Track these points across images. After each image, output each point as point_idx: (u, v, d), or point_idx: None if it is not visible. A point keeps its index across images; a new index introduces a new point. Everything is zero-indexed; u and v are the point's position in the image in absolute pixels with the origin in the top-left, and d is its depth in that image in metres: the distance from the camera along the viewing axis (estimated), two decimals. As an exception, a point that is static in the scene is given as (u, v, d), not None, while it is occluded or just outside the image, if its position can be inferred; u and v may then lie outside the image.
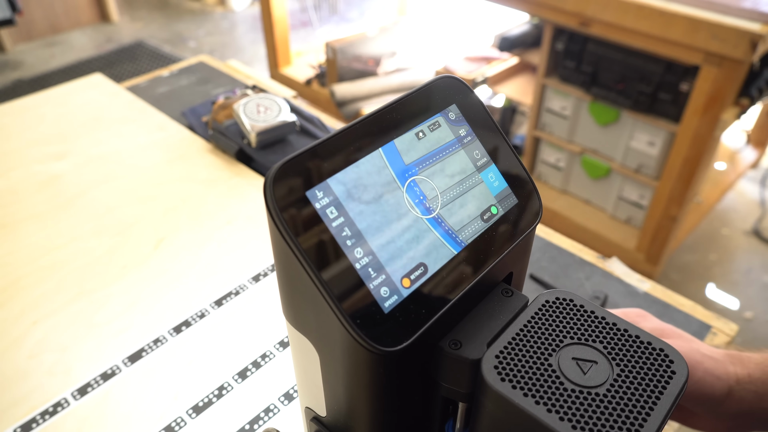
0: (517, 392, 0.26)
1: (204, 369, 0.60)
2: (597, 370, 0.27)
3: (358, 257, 0.27)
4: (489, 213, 0.32)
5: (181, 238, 0.76)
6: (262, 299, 0.67)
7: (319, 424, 0.36)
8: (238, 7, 3.71)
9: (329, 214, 0.27)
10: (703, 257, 1.95)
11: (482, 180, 0.32)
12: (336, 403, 0.33)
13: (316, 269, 0.25)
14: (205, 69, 1.18)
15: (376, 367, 0.28)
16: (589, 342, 0.28)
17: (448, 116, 0.32)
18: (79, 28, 3.39)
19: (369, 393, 0.29)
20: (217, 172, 0.87)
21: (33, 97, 1.05)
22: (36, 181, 0.86)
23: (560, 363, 0.27)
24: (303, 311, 0.30)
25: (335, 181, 0.27)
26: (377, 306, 0.27)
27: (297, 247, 0.25)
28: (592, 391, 0.26)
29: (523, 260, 0.35)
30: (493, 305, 0.31)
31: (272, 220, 0.26)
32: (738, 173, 2.10)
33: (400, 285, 0.27)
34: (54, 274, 0.70)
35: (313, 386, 0.34)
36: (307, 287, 0.26)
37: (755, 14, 1.29)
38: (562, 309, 0.30)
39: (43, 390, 0.57)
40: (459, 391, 0.30)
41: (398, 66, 2.19)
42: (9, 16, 1.37)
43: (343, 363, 0.29)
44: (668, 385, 0.27)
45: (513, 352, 0.28)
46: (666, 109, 1.55)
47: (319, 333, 0.29)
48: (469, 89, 0.34)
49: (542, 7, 1.60)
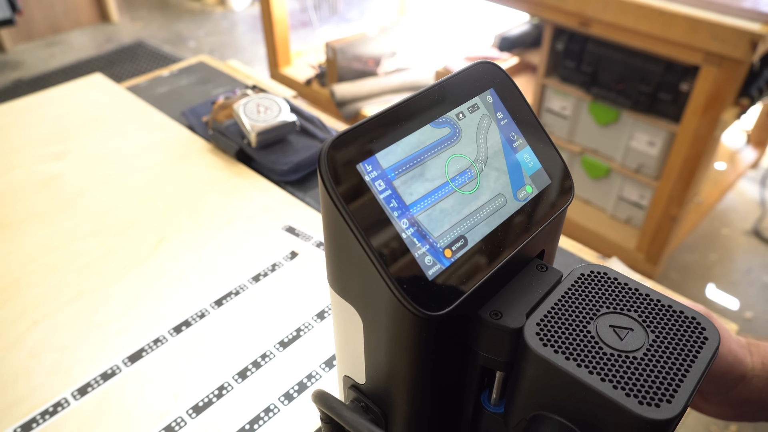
0: (559, 356, 0.27)
1: (204, 369, 0.60)
2: (633, 337, 0.28)
3: (404, 227, 0.28)
4: (524, 192, 0.33)
5: (181, 238, 0.76)
6: (262, 299, 0.67)
7: (357, 391, 0.37)
8: (238, 7, 3.71)
9: (378, 186, 0.29)
10: (703, 257, 1.95)
11: (518, 160, 0.34)
12: (376, 369, 0.34)
13: (366, 236, 0.27)
14: (205, 69, 1.18)
15: (420, 332, 0.29)
16: (624, 311, 0.30)
17: (485, 99, 0.34)
18: (79, 28, 3.39)
19: (410, 357, 0.31)
20: (217, 172, 0.87)
21: (33, 97, 1.05)
22: (36, 181, 0.86)
23: (598, 330, 0.29)
24: (350, 279, 0.31)
25: (383, 155, 0.29)
26: (422, 273, 0.28)
27: (349, 216, 0.27)
28: (630, 355, 0.28)
29: (555, 238, 0.36)
30: (529, 279, 0.33)
31: (326, 190, 0.27)
32: (738, 173, 2.10)
33: (442, 255, 0.29)
34: (54, 274, 0.70)
35: (353, 354, 0.35)
36: (356, 254, 0.28)
37: (755, 14, 1.29)
38: (597, 281, 0.31)
39: (43, 390, 0.57)
40: (498, 360, 0.31)
41: (398, 66, 2.19)
42: (9, 16, 1.37)
43: (387, 328, 0.30)
44: (702, 350, 0.28)
45: (553, 321, 0.29)
46: (666, 109, 1.55)
47: (365, 299, 0.31)
48: (506, 75, 0.35)
49: (542, 7, 1.60)
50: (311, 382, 0.58)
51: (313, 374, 0.59)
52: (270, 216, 0.80)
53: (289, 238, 0.76)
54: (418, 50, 2.26)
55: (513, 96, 0.35)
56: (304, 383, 0.58)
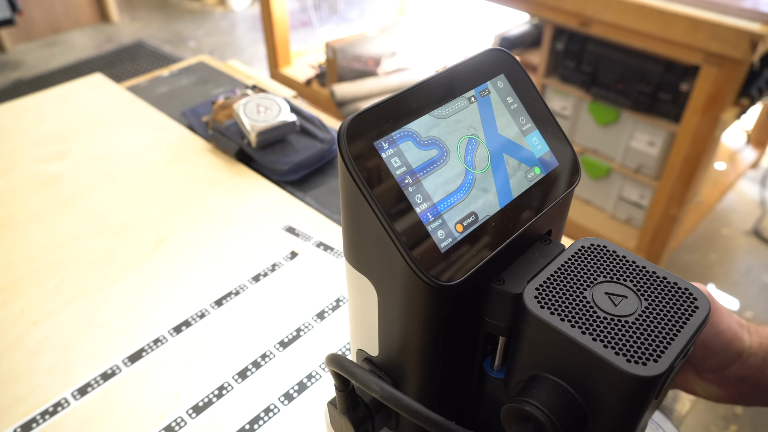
0: (554, 317, 0.29)
1: (204, 369, 0.60)
2: (627, 303, 0.30)
3: (419, 202, 0.30)
4: (532, 173, 0.35)
5: (181, 238, 0.76)
6: (262, 299, 0.67)
7: (370, 364, 0.38)
8: (238, 7, 3.71)
9: (394, 163, 0.30)
10: (703, 257, 1.95)
11: (527, 143, 0.35)
12: (389, 341, 0.35)
13: (384, 211, 0.29)
14: (205, 69, 1.18)
15: (433, 301, 0.30)
16: (620, 280, 0.31)
17: (496, 84, 0.35)
18: (79, 28, 3.39)
19: (423, 328, 0.32)
20: (217, 172, 0.87)
21: (33, 97, 1.05)
22: (36, 181, 0.86)
23: (594, 296, 0.30)
24: (366, 252, 0.33)
25: (399, 134, 0.31)
26: (435, 246, 0.30)
27: (367, 191, 0.29)
28: (622, 319, 0.29)
29: (561, 219, 0.38)
30: (532, 251, 0.35)
31: (345, 166, 0.29)
32: (738, 173, 2.10)
33: (454, 229, 0.31)
34: (54, 274, 0.70)
35: (367, 327, 0.37)
36: (373, 228, 0.30)
37: (755, 14, 1.29)
38: (597, 253, 0.33)
39: (43, 390, 0.57)
40: (500, 325, 0.33)
41: (398, 66, 2.19)
42: (9, 16, 1.37)
43: (402, 298, 0.32)
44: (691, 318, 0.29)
45: (551, 286, 0.31)
46: (666, 109, 1.55)
47: (381, 272, 0.32)
48: (517, 62, 0.37)
49: (542, 7, 1.60)
50: (311, 382, 0.58)
51: (313, 374, 0.59)
52: (270, 216, 0.80)
53: (289, 238, 0.76)
54: (418, 50, 2.26)
55: (523, 82, 0.36)
56: (304, 383, 0.58)
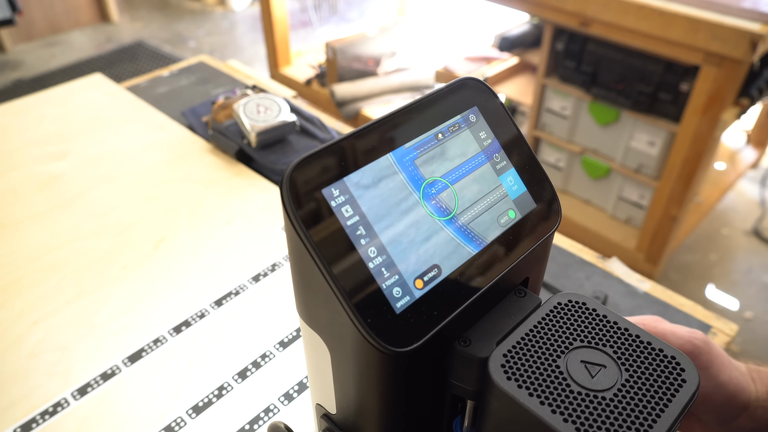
0: (522, 392, 0.26)
1: (204, 369, 0.60)
2: (605, 374, 0.27)
3: (372, 256, 0.27)
4: (506, 217, 0.31)
5: (181, 238, 0.76)
6: (262, 299, 0.67)
7: (329, 421, 0.36)
8: (238, 7, 3.71)
9: (344, 212, 0.27)
10: (703, 257, 1.95)
11: (501, 183, 0.32)
12: (346, 400, 0.33)
13: (328, 266, 0.26)
14: (205, 69, 1.18)
15: (387, 367, 0.28)
16: (599, 346, 0.28)
17: (468, 118, 0.32)
18: (79, 28, 3.39)
19: (379, 392, 0.29)
20: (217, 172, 0.87)
21: (33, 97, 1.05)
22: (36, 181, 0.86)
23: (568, 365, 0.27)
24: (316, 308, 0.30)
25: (351, 180, 0.27)
26: (389, 306, 0.27)
27: (311, 244, 0.26)
28: (598, 395, 0.26)
29: (540, 266, 0.35)
30: (505, 305, 0.31)
31: (287, 215, 0.26)
32: (738, 173, 2.10)
33: (413, 285, 0.27)
34: (54, 274, 0.70)
35: (324, 383, 0.34)
36: (319, 284, 0.27)
37: (755, 14, 1.29)
38: (575, 312, 0.30)
39: (43, 390, 0.57)
40: (467, 388, 0.30)
41: (398, 66, 2.19)
42: (9, 16, 1.37)
43: (354, 361, 0.29)
44: (677, 393, 0.26)
45: (521, 352, 0.28)
46: (666, 109, 1.55)
47: (331, 331, 0.30)
48: (492, 92, 0.34)
49: (542, 7, 1.60)
50: (311, 382, 0.59)
51: (313, 374, 0.59)
52: (270, 216, 0.80)
53: (289, 238, 0.76)
54: (418, 50, 2.26)
55: (498, 115, 0.33)
56: (304, 383, 0.58)
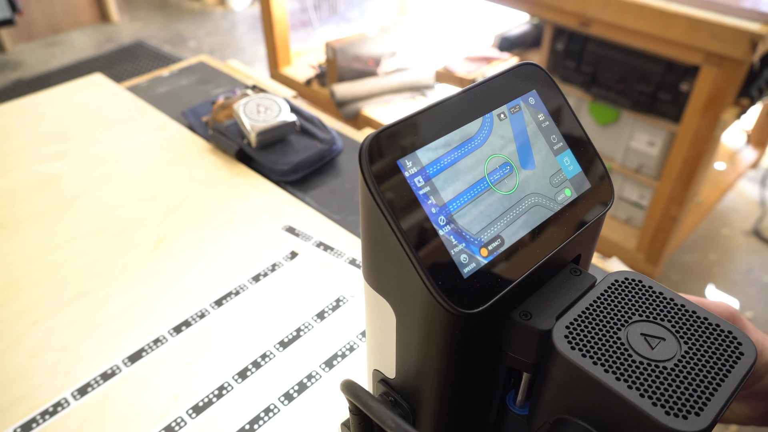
0: (587, 360, 0.27)
1: (204, 369, 0.60)
2: (665, 346, 0.28)
3: (442, 224, 0.29)
4: (563, 195, 0.33)
5: (181, 238, 0.76)
6: (262, 299, 0.67)
7: (386, 385, 0.37)
8: (238, 7, 3.71)
9: (417, 182, 0.28)
10: (703, 257, 1.95)
11: (558, 163, 0.33)
12: (406, 364, 0.34)
13: (404, 232, 0.27)
14: (205, 69, 1.18)
15: (452, 329, 0.29)
16: (657, 320, 0.29)
17: (528, 101, 0.34)
18: (79, 28, 3.39)
19: (441, 355, 0.31)
20: (217, 172, 0.87)
21: (33, 97, 1.05)
22: (36, 181, 0.86)
23: (629, 337, 0.28)
24: (386, 273, 0.31)
25: (424, 152, 0.29)
26: (457, 271, 0.28)
27: (388, 211, 0.27)
28: (660, 365, 0.27)
29: (592, 243, 0.36)
30: (561, 283, 0.33)
31: (366, 185, 0.28)
32: (738, 173, 2.10)
33: (478, 254, 0.29)
34: (54, 274, 0.70)
35: (384, 348, 0.35)
36: (393, 249, 0.28)
37: (755, 14, 1.29)
38: (631, 288, 0.31)
39: (43, 390, 0.57)
40: (525, 361, 0.31)
41: (398, 66, 2.19)
42: (9, 16, 1.37)
43: (421, 323, 0.30)
44: (736, 365, 0.27)
45: (582, 325, 0.29)
46: (666, 109, 1.55)
47: (400, 294, 0.31)
48: (550, 77, 0.35)
49: (542, 7, 1.60)
50: (311, 382, 0.58)
51: (313, 374, 0.59)
52: (270, 216, 0.80)
53: (289, 238, 0.76)
54: (418, 50, 2.26)
55: (555, 98, 0.35)
56: (304, 383, 0.58)
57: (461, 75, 2.08)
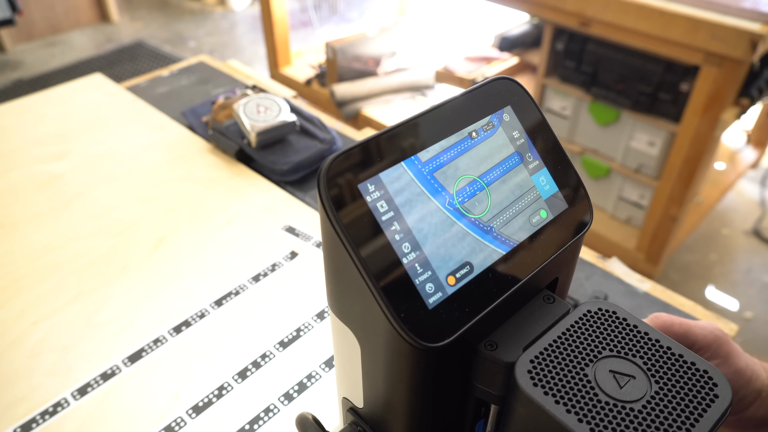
0: (548, 398, 0.26)
1: (204, 369, 0.60)
2: (634, 385, 0.26)
3: (406, 252, 0.27)
4: (538, 216, 0.31)
5: (181, 238, 0.76)
6: (262, 299, 0.67)
7: (355, 414, 0.36)
8: (238, 7, 3.71)
9: (380, 207, 0.27)
10: (703, 257, 1.95)
11: (533, 183, 0.32)
12: (374, 395, 0.33)
13: (364, 260, 0.26)
14: (205, 69, 1.18)
15: (417, 362, 0.28)
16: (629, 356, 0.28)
17: (502, 117, 0.32)
18: (79, 28, 3.39)
19: (407, 387, 0.30)
20: (217, 172, 0.87)
21: (33, 97, 1.05)
22: (36, 181, 0.86)
23: (596, 374, 0.27)
24: (348, 302, 0.30)
25: (387, 176, 0.28)
26: (421, 301, 0.27)
27: (347, 239, 0.26)
28: (627, 406, 0.25)
29: (570, 266, 0.35)
30: (533, 310, 0.31)
31: (324, 210, 0.26)
32: (738, 173, 2.10)
33: (445, 282, 0.28)
34: (54, 274, 0.70)
35: (352, 377, 0.34)
36: (354, 278, 0.27)
37: (755, 14, 1.29)
38: (604, 320, 0.29)
39: (43, 390, 0.57)
40: (492, 392, 0.30)
41: (398, 66, 2.19)
42: (9, 16, 1.37)
43: (384, 355, 0.29)
44: (709, 409, 0.25)
45: (549, 359, 0.27)
46: (666, 109, 1.55)
47: (363, 324, 0.30)
48: (525, 92, 0.34)
49: (542, 7, 1.60)
50: (311, 382, 0.58)
51: (313, 374, 0.59)
52: (270, 216, 0.80)
53: (289, 238, 0.76)
54: (418, 50, 2.26)
55: (531, 114, 0.33)
56: (304, 383, 0.58)
57: (461, 75, 2.08)
